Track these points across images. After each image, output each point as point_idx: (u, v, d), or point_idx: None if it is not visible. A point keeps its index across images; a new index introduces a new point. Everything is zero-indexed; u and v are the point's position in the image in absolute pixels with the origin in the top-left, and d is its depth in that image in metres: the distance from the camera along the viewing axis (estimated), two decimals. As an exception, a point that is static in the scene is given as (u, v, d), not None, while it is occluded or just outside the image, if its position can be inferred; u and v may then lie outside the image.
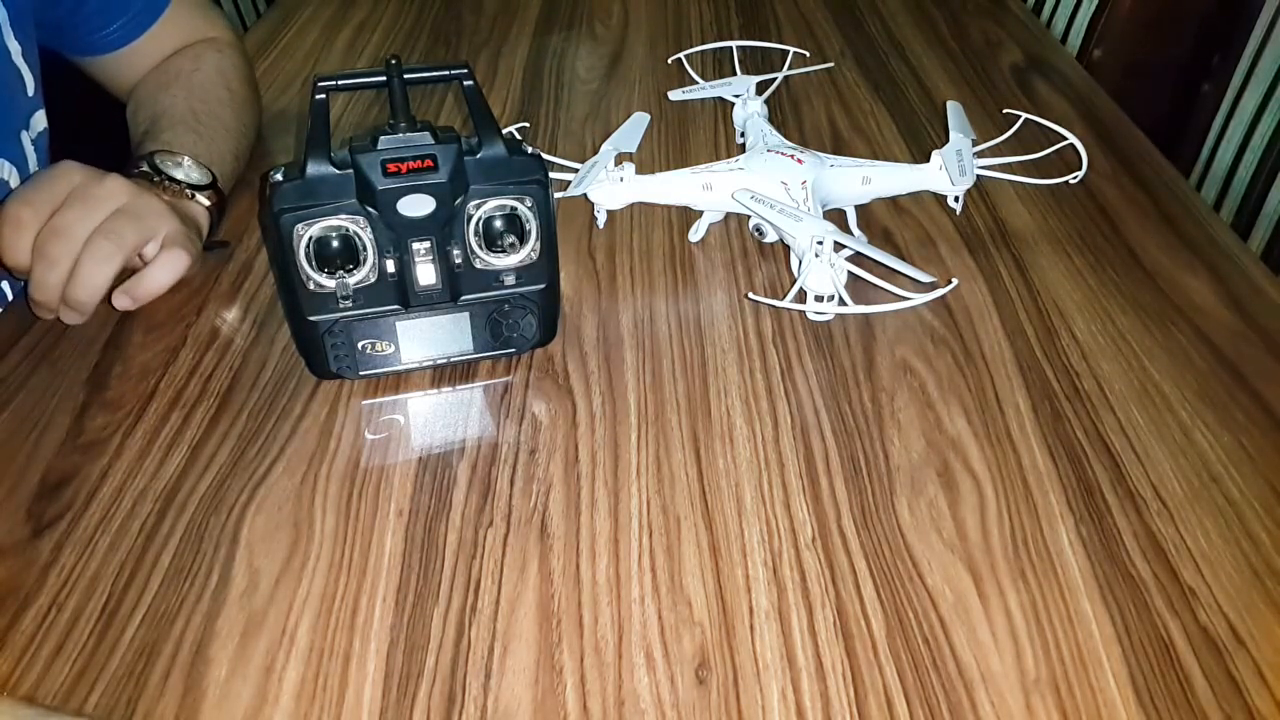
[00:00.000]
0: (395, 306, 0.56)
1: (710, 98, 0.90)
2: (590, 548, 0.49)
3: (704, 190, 0.68)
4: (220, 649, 0.44)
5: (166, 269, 0.63)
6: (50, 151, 0.75)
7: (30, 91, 0.71)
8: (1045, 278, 0.68)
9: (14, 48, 0.69)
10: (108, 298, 0.62)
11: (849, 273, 0.63)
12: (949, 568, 0.48)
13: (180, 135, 0.71)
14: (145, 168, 0.67)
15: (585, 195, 0.69)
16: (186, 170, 0.68)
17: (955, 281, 0.66)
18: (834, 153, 0.73)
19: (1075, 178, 0.77)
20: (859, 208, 0.73)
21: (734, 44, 1.00)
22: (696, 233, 0.72)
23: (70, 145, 0.80)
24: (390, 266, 0.55)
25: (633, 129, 0.77)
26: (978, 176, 0.73)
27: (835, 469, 0.53)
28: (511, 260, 0.57)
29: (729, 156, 0.71)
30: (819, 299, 0.62)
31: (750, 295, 0.65)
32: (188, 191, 0.68)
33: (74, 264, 0.59)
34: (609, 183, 0.68)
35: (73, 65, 0.80)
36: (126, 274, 0.62)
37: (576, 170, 0.73)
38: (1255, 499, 0.51)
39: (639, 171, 0.69)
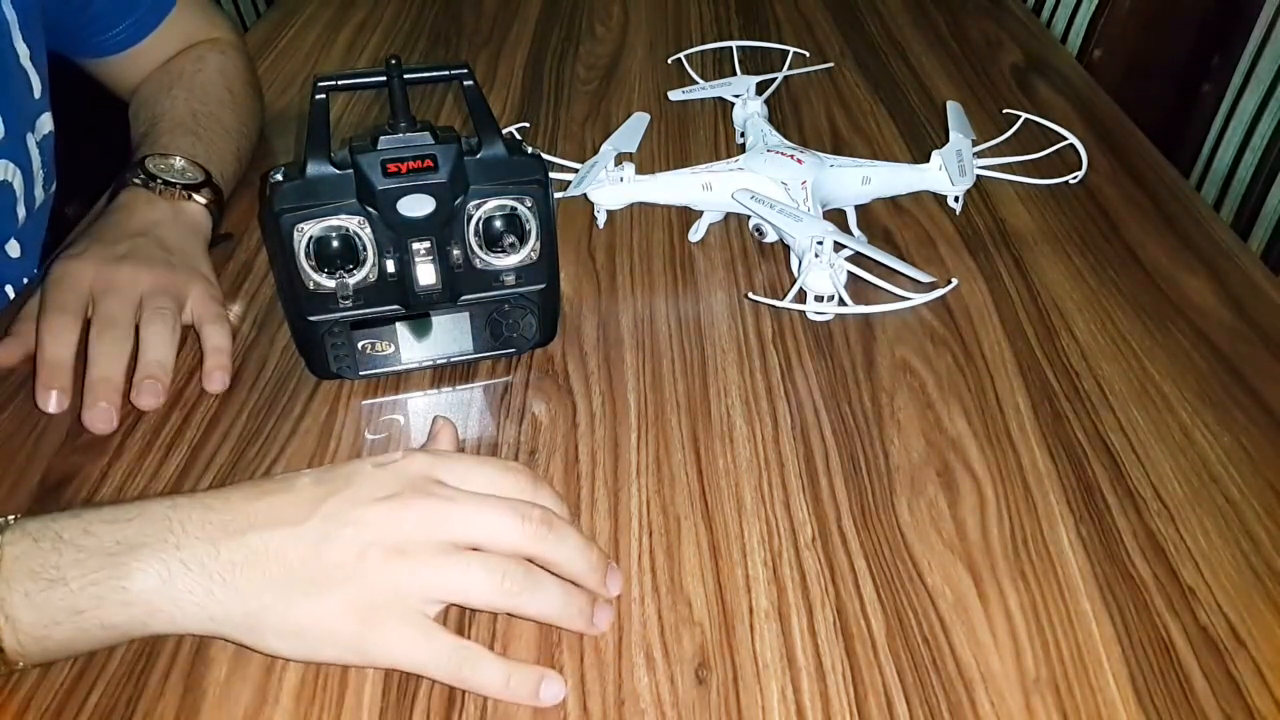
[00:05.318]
0: (395, 306, 0.56)
1: (710, 98, 0.90)
2: (590, 548, 0.49)
3: (704, 190, 0.68)
4: (220, 649, 0.44)
5: (224, 335, 0.61)
6: (55, 153, 0.75)
7: (37, 94, 0.71)
8: (1045, 278, 0.68)
9: (22, 50, 0.69)
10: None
11: (849, 273, 0.63)
12: (949, 568, 0.48)
13: (179, 137, 0.71)
14: (140, 173, 0.67)
15: (585, 195, 0.69)
16: (180, 170, 0.68)
17: (955, 281, 0.66)
18: (834, 153, 0.73)
19: (1075, 178, 0.77)
20: (859, 208, 0.73)
21: (734, 44, 1.00)
22: (696, 233, 0.72)
23: (75, 148, 0.80)
24: (390, 266, 0.55)
25: (633, 129, 0.77)
26: (978, 176, 0.73)
27: (835, 469, 0.53)
28: (511, 260, 0.57)
29: (729, 156, 0.71)
30: (819, 299, 0.62)
31: (750, 295, 0.65)
32: (183, 192, 0.67)
33: (133, 348, 0.58)
34: (609, 183, 0.68)
35: (79, 68, 0.80)
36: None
37: (576, 170, 0.73)
38: (1255, 499, 0.51)
39: (639, 171, 0.69)
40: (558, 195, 0.62)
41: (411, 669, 0.43)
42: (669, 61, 0.99)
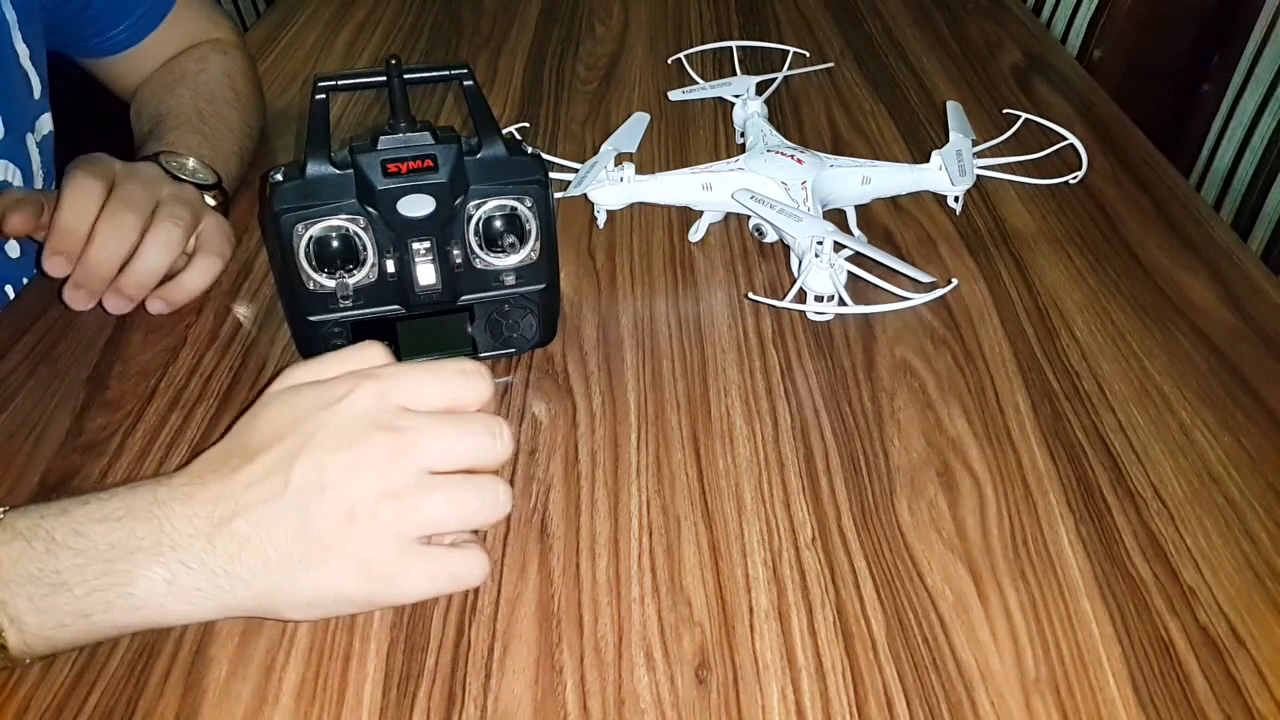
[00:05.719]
0: (395, 306, 0.56)
1: (710, 98, 0.90)
2: (590, 548, 0.49)
3: (704, 190, 0.68)
4: (220, 649, 0.44)
5: (202, 274, 0.62)
6: (55, 154, 0.75)
7: (37, 95, 0.71)
8: (1045, 278, 0.68)
9: (22, 50, 0.69)
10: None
11: (849, 273, 0.63)
12: (949, 568, 0.48)
13: (185, 135, 0.71)
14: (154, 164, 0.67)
15: (585, 195, 0.69)
16: (192, 171, 0.68)
17: (955, 281, 0.66)
18: (834, 153, 0.73)
19: (1075, 178, 0.77)
20: (859, 208, 0.73)
21: (734, 44, 1.00)
22: (696, 233, 0.72)
23: (75, 148, 0.80)
24: (390, 266, 0.55)
25: (633, 129, 0.77)
26: (978, 176, 0.73)
27: (835, 469, 0.53)
28: (511, 260, 0.57)
29: (729, 156, 0.71)
30: (819, 299, 0.62)
31: (750, 295, 0.65)
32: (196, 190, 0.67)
33: (136, 244, 0.59)
34: (609, 183, 0.68)
35: (79, 68, 0.80)
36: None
37: (576, 170, 0.73)
38: (1255, 499, 0.51)
39: (639, 171, 0.69)
40: (558, 195, 0.62)
41: (432, 596, 0.45)
42: (669, 61, 0.99)
